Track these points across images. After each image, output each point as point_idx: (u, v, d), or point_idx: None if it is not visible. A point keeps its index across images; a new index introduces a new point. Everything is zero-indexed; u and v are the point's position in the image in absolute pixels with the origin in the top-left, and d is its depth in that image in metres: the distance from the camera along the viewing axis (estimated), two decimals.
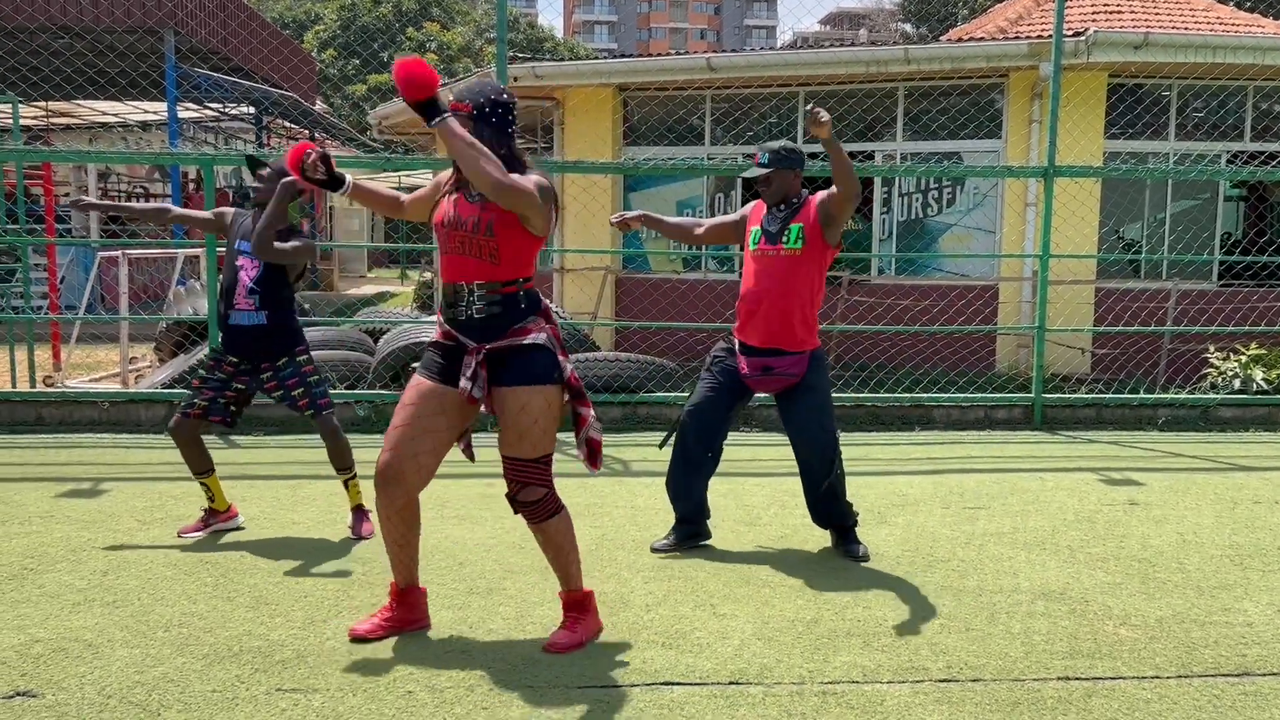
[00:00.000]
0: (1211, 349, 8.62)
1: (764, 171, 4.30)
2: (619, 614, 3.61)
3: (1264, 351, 8.16)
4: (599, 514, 4.97)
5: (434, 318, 4.63)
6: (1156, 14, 11.67)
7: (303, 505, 5.07)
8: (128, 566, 4.06)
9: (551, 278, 11.51)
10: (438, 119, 3.00)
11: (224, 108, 17.44)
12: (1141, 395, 7.88)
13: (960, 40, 11.31)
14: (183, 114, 16.49)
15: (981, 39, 10.81)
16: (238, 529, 4.63)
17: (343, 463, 4.57)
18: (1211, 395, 7.91)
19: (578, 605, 3.39)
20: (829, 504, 4.34)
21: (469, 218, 3.16)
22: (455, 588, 3.87)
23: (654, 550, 4.36)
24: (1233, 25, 11.54)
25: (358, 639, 3.32)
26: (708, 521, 4.51)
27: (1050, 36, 8.39)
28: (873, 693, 3.03)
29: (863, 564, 4.26)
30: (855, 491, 4.89)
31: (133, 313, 9.34)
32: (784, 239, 4.25)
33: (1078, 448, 6.88)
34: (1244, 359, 8.10)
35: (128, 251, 8.69)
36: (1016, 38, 10.19)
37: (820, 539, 4.56)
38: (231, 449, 6.44)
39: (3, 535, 4.46)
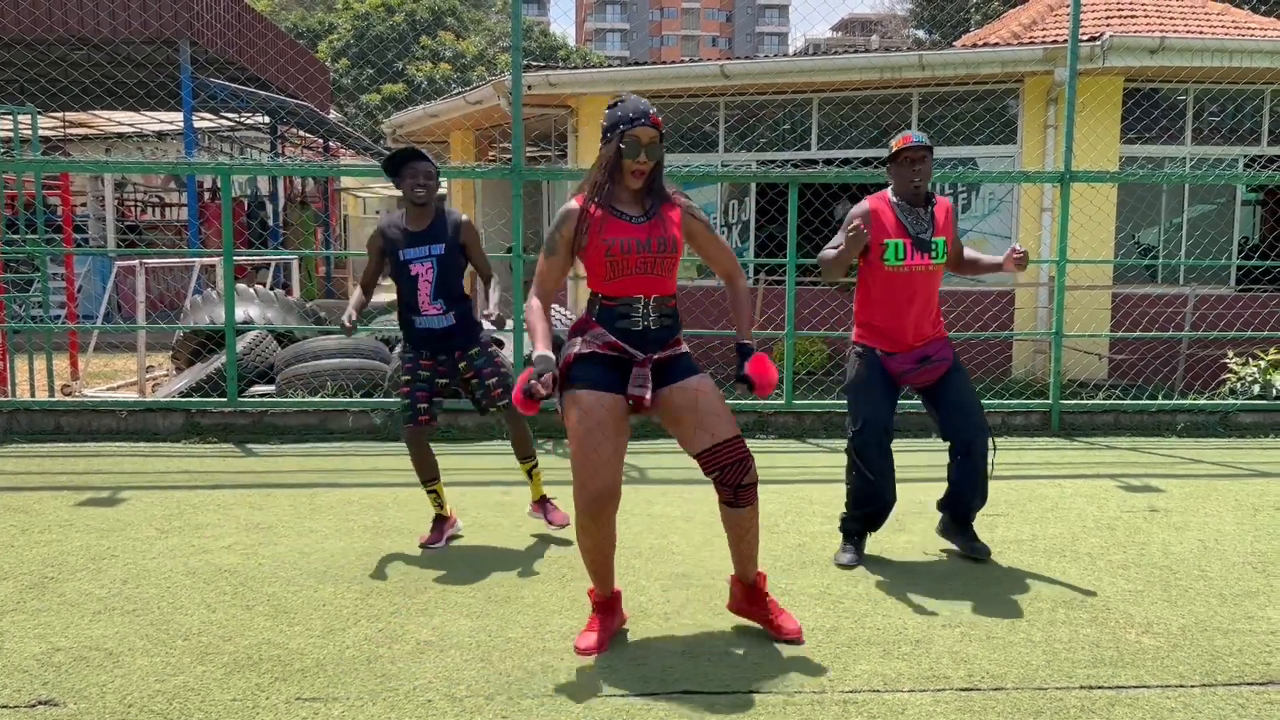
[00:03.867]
0: (1230, 354, 8.57)
1: (926, 145, 4.17)
2: (638, 622, 3.60)
3: None
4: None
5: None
6: (1171, 18, 11.64)
7: (320, 514, 5.08)
8: (147, 575, 4.08)
9: (566, 285, 11.52)
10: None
11: (239, 117, 17.56)
12: (1160, 401, 7.83)
13: (974, 46, 11.29)
14: (198, 124, 16.60)
15: (996, 44, 10.79)
16: (459, 536, 4.68)
17: (526, 451, 4.61)
18: (1231, 401, 7.86)
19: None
20: (983, 485, 4.29)
21: (652, 238, 3.31)
22: (473, 595, 3.87)
23: (840, 566, 4.28)
24: (1248, 29, 11.49)
25: (586, 653, 3.31)
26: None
27: (1065, 41, 8.37)
28: (894, 701, 3.01)
29: (891, 571, 4.23)
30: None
31: (150, 322, 9.39)
32: (933, 252, 4.21)
33: (1096, 454, 6.85)
34: (1263, 364, 8.04)
35: (145, 261, 8.74)
36: (1031, 43, 10.17)
37: (836, 546, 4.53)
38: (248, 457, 6.46)
39: (23, 544, 4.49)
